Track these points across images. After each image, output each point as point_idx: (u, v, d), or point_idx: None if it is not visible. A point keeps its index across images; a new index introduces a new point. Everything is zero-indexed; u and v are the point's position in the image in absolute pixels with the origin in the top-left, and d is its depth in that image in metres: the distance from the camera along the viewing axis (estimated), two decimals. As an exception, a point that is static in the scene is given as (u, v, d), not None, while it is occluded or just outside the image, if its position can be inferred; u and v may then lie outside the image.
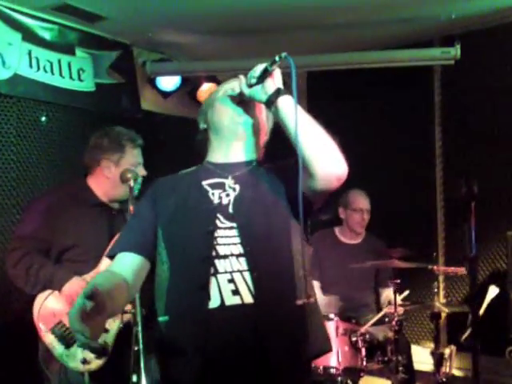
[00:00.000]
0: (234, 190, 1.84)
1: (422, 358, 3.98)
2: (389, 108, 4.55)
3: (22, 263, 2.65)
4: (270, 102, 1.75)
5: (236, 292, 1.70)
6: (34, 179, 3.91)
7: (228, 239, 1.75)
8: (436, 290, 3.52)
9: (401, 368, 3.23)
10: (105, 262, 2.48)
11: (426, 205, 4.36)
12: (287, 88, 1.77)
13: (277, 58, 1.70)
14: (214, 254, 1.73)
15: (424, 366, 3.96)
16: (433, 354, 3.51)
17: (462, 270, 3.58)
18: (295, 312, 1.76)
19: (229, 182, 1.86)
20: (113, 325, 2.66)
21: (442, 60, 4.04)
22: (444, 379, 3.45)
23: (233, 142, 1.90)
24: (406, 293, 3.64)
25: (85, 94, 4.20)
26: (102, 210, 2.85)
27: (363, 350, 3.21)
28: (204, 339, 1.68)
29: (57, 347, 2.60)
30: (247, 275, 1.72)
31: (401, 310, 3.51)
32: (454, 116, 4.29)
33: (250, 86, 1.77)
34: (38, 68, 3.95)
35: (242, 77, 1.81)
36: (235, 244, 1.75)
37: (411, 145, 4.40)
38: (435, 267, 3.60)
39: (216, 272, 1.71)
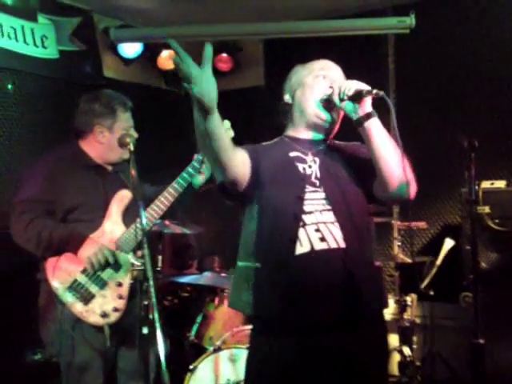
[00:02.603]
0: (315, 162, 2.12)
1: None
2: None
3: (31, 227, 2.66)
4: (360, 123, 1.99)
5: (323, 239, 1.99)
6: (3, 147, 3.93)
7: (313, 201, 2.04)
8: (400, 243, 3.81)
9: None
10: None
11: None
12: None
13: (374, 92, 1.94)
14: (301, 211, 2.02)
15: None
16: (397, 302, 3.82)
17: (423, 225, 3.89)
18: (373, 269, 2.08)
19: (309, 158, 2.13)
20: (126, 279, 2.75)
21: (398, 29, 4.23)
22: (407, 324, 3.78)
23: (312, 128, 2.17)
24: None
25: (49, 61, 4.20)
26: (98, 171, 2.89)
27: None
28: (292, 279, 1.96)
29: (75, 305, 2.66)
30: (331, 226, 2.01)
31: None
32: (407, 83, 4.53)
33: (342, 100, 2.00)
34: (2, 35, 3.91)
35: (335, 87, 2.02)
36: (318, 204, 2.04)
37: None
38: (398, 222, 3.87)
39: (304, 224, 2.00)
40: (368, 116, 1.97)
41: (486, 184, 3.62)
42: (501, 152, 3.99)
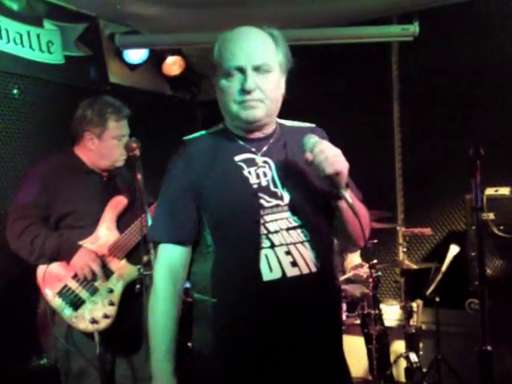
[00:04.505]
0: (270, 167, 1.84)
1: (387, 315, 4.26)
2: (348, 82, 4.71)
3: (26, 234, 2.65)
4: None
5: (294, 264, 1.74)
6: (7, 152, 3.92)
7: (275, 215, 1.78)
8: (405, 249, 3.81)
9: (379, 321, 3.50)
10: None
11: (385, 173, 4.59)
12: None
13: (346, 197, 1.67)
14: (265, 231, 1.76)
15: (389, 322, 4.26)
16: (403, 308, 3.81)
17: (427, 231, 3.89)
18: (338, 286, 2.00)
19: (259, 158, 1.85)
20: (117, 285, 2.74)
21: (402, 37, 4.27)
22: (413, 330, 3.77)
23: (245, 130, 1.86)
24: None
25: (54, 66, 4.19)
26: (92, 177, 2.88)
27: (344, 305, 3.46)
28: (261, 308, 1.72)
29: (65, 310, 2.66)
30: (300, 247, 1.77)
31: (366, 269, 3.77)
32: (411, 90, 4.53)
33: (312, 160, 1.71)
34: (8, 40, 3.92)
35: (314, 153, 1.71)
36: (283, 219, 1.78)
37: (371, 118, 4.61)
38: (403, 228, 3.87)
39: (273, 245, 1.75)
40: (341, 198, 1.71)
41: (490, 191, 3.63)
42: (505, 159, 4.00)
